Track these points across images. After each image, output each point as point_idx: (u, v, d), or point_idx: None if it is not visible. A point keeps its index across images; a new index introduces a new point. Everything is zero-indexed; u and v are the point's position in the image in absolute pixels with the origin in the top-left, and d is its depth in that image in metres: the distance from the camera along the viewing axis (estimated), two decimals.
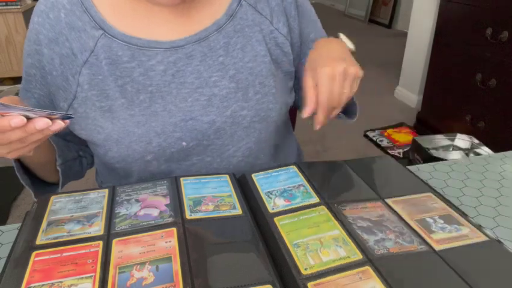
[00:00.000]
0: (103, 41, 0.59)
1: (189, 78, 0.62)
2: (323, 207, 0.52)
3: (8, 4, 2.97)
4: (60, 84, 0.62)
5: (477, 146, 1.82)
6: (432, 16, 2.52)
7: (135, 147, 0.61)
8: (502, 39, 1.80)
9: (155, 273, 0.41)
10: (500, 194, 0.66)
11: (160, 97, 0.61)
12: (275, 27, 0.66)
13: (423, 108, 2.49)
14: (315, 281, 0.40)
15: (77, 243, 0.46)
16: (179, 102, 0.62)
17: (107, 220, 0.50)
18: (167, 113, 0.61)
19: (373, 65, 3.73)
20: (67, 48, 0.60)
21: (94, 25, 0.59)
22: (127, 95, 0.60)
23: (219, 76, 0.63)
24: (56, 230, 0.48)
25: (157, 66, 0.60)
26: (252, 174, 0.60)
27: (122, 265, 0.42)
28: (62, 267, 0.42)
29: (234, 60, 0.63)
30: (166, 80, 0.61)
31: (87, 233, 0.47)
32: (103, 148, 0.64)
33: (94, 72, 0.60)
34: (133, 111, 0.61)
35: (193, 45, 0.61)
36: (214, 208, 0.52)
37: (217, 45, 0.62)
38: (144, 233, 0.47)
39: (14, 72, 3.21)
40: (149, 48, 0.60)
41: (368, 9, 5.48)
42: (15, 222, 0.57)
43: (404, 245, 0.46)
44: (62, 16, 0.60)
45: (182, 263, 0.42)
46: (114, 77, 0.60)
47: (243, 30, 0.64)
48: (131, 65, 0.60)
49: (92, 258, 0.44)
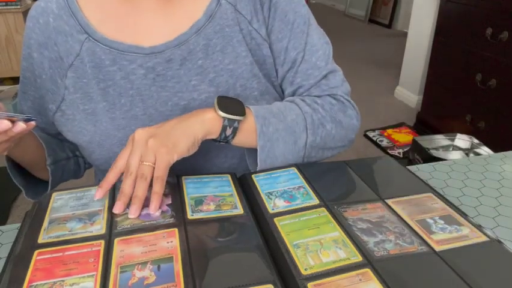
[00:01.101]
0: (87, 44, 0.60)
1: (170, 83, 0.61)
2: (323, 208, 0.52)
3: (8, 4, 2.97)
4: (49, 87, 0.63)
5: (477, 146, 1.82)
6: (432, 16, 2.52)
7: (116, 150, 0.62)
8: (502, 39, 1.80)
9: (156, 273, 0.41)
10: (500, 194, 0.66)
11: (141, 100, 0.61)
12: (254, 27, 0.62)
13: (423, 108, 2.49)
14: (315, 282, 0.40)
15: (79, 242, 0.46)
16: (159, 106, 0.62)
17: (108, 219, 0.50)
18: (147, 116, 0.62)
19: (373, 65, 3.74)
20: (55, 52, 0.61)
21: (80, 29, 0.60)
22: (109, 98, 0.61)
23: (198, 80, 0.62)
24: (58, 229, 0.48)
25: (138, 70, 0.61)
26: (252, 175, 0.60)
27: (124, 264, 0.42)
28: (64, 266, 0.42)
29: (214, 63, 0.62)
30: (146, 84, 0.61)
31: (89, 232, 0.48)
32: (87, 150, 0.65)
33: (78, 75, 0.61)
34: (114, 114, 0.61)
35: (173, 50, 0.61)
36: (215, 208, 0.52)
37: (197, 47, 0.61)
38: (146, 233, 0.47)
39: (14, 72, 3.21)
40: (129, 53, 0.60)
41: (368, 9, 5.49)
42: (15, 222, 0.57)
43: (404, 246, 0.46)
44: (51, 21, 0.61)
45: (184, 263, 0.43)
46: (97, 80, 0.61)
47: (223, 30, 0.62)
48: (113, 69, 0.60)
49: (94, 257, 0.44)
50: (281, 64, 0.66)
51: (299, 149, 0.61)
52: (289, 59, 0.65)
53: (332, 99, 0.66)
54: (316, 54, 0.66)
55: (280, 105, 0.63)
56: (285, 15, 0.63)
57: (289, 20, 0.64)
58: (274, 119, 0.60)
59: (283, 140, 0.60)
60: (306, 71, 0.66)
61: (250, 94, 0.64)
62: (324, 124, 0.63)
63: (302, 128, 0.61)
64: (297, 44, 0.65)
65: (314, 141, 0.62)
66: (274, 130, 0.59)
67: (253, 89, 0.64)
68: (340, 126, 0.65)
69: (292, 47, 0.65)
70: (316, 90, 0.66)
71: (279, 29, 0.64)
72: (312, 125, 0.62)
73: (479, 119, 1.99)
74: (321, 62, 0.66)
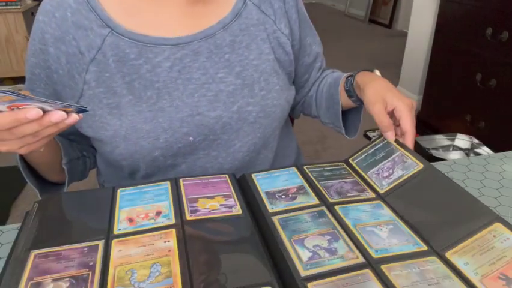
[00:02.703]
0: (110, 39, 0.60)
1: (195, 74, 0.62)
2: (323, 208, 0.52)
3: (8, 4, 2.97)
4: (66, 82, 0.62)
5: (477, 146, 1.82)
6: (432, 16, 2.52)
7: (143, 143, 0.62)
8: (502, 39, 1.80)
9: (154, 275, 0.41)
10: (500, 194, 0.66)
11: (167, 93, 0.62)
12: (278, 28, 0.68)
13: (423, 108, 2.49)
14: (315, 282, 0.40)
15: (77, 243, 0.46)
16: (186, 97, 0.62)
17: (107, 220, 0.50)
18: (174, 108, 0.62)
19: (373, 65, 3.73)
20: (73, 46, 0.60)
21: (101, 23, 0.60)
22: (135, 91, 0.61)
23: (225, 73, 0.64)
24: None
25: (164, 62, 0.61)
26: (252, 175, 0.60)
27: (122, 266, 0.42)
28: (61, 265, 0.42)
29: (240, 57, 0.65)
30: (172, 76, 0.62)
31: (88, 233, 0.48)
32: (110, 145, 0.64)
33: (101, 69, 0.61)
34: (140, 107, 0.61)
35: (200, 42, 0.62)
36: (214, 208, 0.52)
37: (223, 42, 0.63)
38: (143, 234, 0.47)
39: (14, 72, 3.21)
40: (156, 45, 0.61)
41: (368, 9, 5.49)
42: (15, 222, 0.57)
43: (403, 244, 0.46)
44: (68, 15, 0.60)
45: (182, 264, 0.42)
46: (121, 74, 0.61)
47: (248, 29, 0.65)
48: (139, 62, 0.61)
49: (92, 257, 0.44)
50: (307, 56, 0.77)
51: None
52: (313, 53, 0.78)
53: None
54: (319, 43, 0.80)
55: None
56: (304, 16, 0.73)
57: (307, 20, 0.75)
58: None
59: None
60: (320, 55, 0.81)
61: (273, 88, 0.67)
62: None
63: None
64: (315, 39, 0.77)
65: None
66: None
67: (275, 84, 0.68)
68: None
69: (313, 41, 0.77)
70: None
71: (303, 28, 0.73)
72: None
73: (479, 119, 1.99)
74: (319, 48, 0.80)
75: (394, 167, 0.59)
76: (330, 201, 0.53)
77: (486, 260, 0.43)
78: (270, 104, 0.67)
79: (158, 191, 0.56)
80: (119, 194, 0.56)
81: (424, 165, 0.57)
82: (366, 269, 0.42)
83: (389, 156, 0.61)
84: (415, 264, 0.43)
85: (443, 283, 0.41)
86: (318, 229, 0.48)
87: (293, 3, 0.69)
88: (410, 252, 0.45)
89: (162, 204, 0.53)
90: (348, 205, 0.53)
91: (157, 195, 0.55)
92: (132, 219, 0.50)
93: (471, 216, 0.48)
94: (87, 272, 0.42)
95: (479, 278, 0.41)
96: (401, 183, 0.56)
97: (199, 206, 0.53)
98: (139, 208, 0.52)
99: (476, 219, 0.47)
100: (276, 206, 0.53)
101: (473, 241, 0.45)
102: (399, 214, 0.51)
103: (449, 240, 0.46)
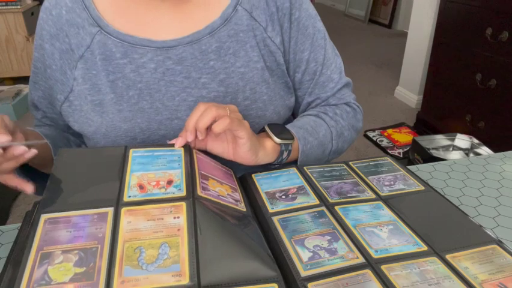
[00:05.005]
0: (98, 37, 0.62)
1: (178, 77, 0.63)
2: (323, 208, 0.52)
3: (8, 4, 2.97)
4: (58, 78, 0.65)
5: (477, 146, 1.82)
6: (432, 16, 2.52)
7: (120, 141, 0.63)
8: (502, 39, 1.80)
9: (162, 258, 0.40)
10: (500, 194, 0.66)
11: (149, 94, 0.62)
12: (268, 35, 0.65)
13: (423, 108, 2.49)
14: (315, 282, 0.40)
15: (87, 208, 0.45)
16: (166, 100, 0.63)
17: (118, 185, 0.49)
18: (154, 110, 0.63)
19: (373, 65, 3.73)
20: (66, 43, 0.63)
21: (92, 22, 0.62)
22: (117, 90, 0.62)
23: (208, 78, 0.63)
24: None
25: (148, 64, 0.62)
26: (252, 175, 0.60)
27: (131, 241, 0.42)
28: (71, 235, 0.42)
29: (226, 65, 0.63)
30: (156, 77, 0.62)
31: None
32: (92, 141, 0.67)
33: (88, 67, 0.62)
34: (121, 106, 0.62)
35: (185, 47, 0.62)
36: (222, 194, 0.51)
37: (209, 48, 0.63)
38: (153, 205, 0.46)
39: (14, 72, 3.21)
40: (141, 46, 0.62)
41: (368, 9, 5.48)
42: (15, 222, 0.57)
43: (403, 244, 0.46)
44: (64, 13, 0.63)
45: (190, 250, 0.41)
46: (106, 72, 0.62)
47: (237, 35, 0.63)
48: (123, 62, 0.62)
49: (102, 228, 0.43)
50: (302, 73, 0.71)
51: (325, 156, 0.70)
52: (311, 70, 0.71)
53: (347, 107, 0.74)
54: (330, 67, 0.72)
55: (311, 122, 0.69)
56: (306, 29, 0.68)
57: (310, 34, 0.69)
58: (311, 137, 0.66)
59: (316, 153, 0.68)
60: (323, 83, 0.72)
61: (259, 98, 0.66)
62: (343, 132, 0.72)
63: (329, 140, 0.69)
64: (317, 57, 0.70)
65: (336, 148, 0.71)
66: (311, 147, 0.66)
67: (263, 94, 0.66)
68: (353, 130, 0.74)
69: (312, 59, 0.70)
70: (334, 100, 0.74)
71: (301, 41, 0.68)
72: (336, 136, 0.70)
73: (479, 119, 1.99)
74: (334, 75, 0.73)
75: (396, 180, 0.59)
76: (330, 202, 0.53)
77: (486, 269, 0.43)
78: (254, 115, 0.65)
79: (172, 156, 0.54)
80: (131, 155, 0.54)
81: (426, 188, 0.58)
82: (366, 269, 0.42)
83: (391, 172, 0.62)
84: (415, 265, 0.43)
85: (443, 283, 0.41)
86: (318, 229, 0.48)
87: (286, 11, 0.65)
88: (410, 252, 0.45)
89: (174, 172, 0.51)
90: (349, 205, 0.53)
91: (169, 162, 0.53)
92: (143, 186, 0.49)
93: (470, 236, 0.48)
94: (96, 245, 0.41)
95: (479, 281, 0.41)
96: (402, 194, 0.56)
97: (209, 185, 0.52)
98: (150, 174, 0.51)
99: (475, 238, 0.48)
100: (276, 206, 0.53)
101: (472, 252, 0.46)
102: (399, 215, 0.51)
103: (448, 246, 0.47)
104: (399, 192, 0.56)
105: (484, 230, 0.50)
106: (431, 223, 0.50)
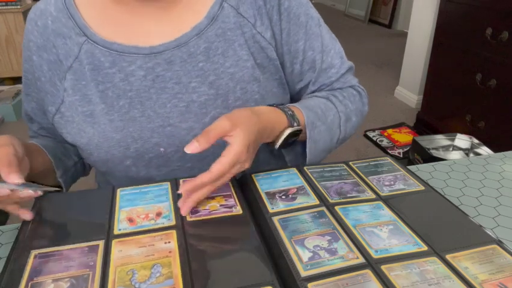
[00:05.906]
0: (86, 47, 0.60)
1: (169, 84, 0.61)
2: (323, 208, 0.52)
3: (8, 4, 2.97)
4: (48, 89, 0.64)
5: (477, 146, 1.82)
6: (432, 16, 2.52)
7: (114, 152, 0.62)
8: (502, 39, 1.80)
9: (155, 276, 0.41)
10: (500, 194, 0.66)
11: (139, 102, 0.61)
12: (258, 31, 0.63)
13: (423, 108, 2.49)
14: (315, 282, 0.40)
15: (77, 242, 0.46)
16: (158, 107, 0.61)
17: (107, 220, 0.50)
18: (146, 118, 0.62)
19: (373, 65, 3.73)
20: (54, 54, 0.62)
21: (78, 31, 0.60)
22: (107, 100, 0.61)
23: (198, 82, 0.61)
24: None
25: (137, 71, 0.60)
26: (252, 175, 0.60)
27: (122, 266, 0.42)
28: (61, 265, 0.42)
29: (215, 66, 0.62)
30: (146, 85, 0.61)
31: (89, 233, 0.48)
32: (85, 152, 0.65)
33: (77, 77, 0.61)
34: (112, 116, 0.61)
35: (173, 51, 0.60)
36: (214, 208, 0.52)
37: (197, 50, 0.61)
38: (144, 235, 0.47)
39: (14, 72, 3.21)
40: (129, 54, 0.60)
41: (368, 9, 5.49)
42: (15, 222, 0.57)
43: (403, 244, 0.46)
44: (49, 23, 0.61)
45: (183, 265, 0.42)
46: (95, 83, 0.61)
47: (225, 34, 0.61)
48: (112, 71, 0.60)
49: (93, 257, 0.44)
50: (300, 63, 0.68)
51: (333, 143, 0.69)
52: (309, 59, 0.68)
53: (353, 90, 0.74)
54: (330, 53, 0.70)
55: (321, 104, 0.68)
56: (297, 18, 0.65)
57: (302, 22, 0.66)
58: (319, 122, 0.65)
59: (324, 139, 0.66)
60: (326, 70, 0.71)
61: (251, 97, 0.64)
62: (351, 117, 0.71)
63: (337, 126, 0.68)
64: (313, 45, 0.68)
65: (344, 135, 0.71)
66: (319, 132, 0.65)
67: (254, 93, 0.64)
68: (360, 115, 0.74)
69: (309, 47, 0.68)
70: (338, 84, 0.73)
71: (294, 31, 0.66)
72: (344, 121, 0.69)
73: (479, 119, 1.99)
74: (335, 60, 0.71)
75: (396, 180, 0.59)
76: (330, 202, 0.53)
77: (486, 269, 0.43)
78: None
79: (159, 191, 0.56)
80: (119, 193, 0.56)
81: (426, 188, 0.58)
82: (366, 269, 0.42)
83: (391, 172, 0.61)
84: (415, 265, 0.43)
85: (443, 283, 0.41)
86: (319, 229, 0.48)
87: (275, 3, 0.63)
88: (410, 252, 0.45)
89: (162, 205, 0.53)
90: (349, 205, 0.53)
91: (157, 196, 0.55)
92: (132, 219, 0.50)
93: (470, 236, 0.48)
94: (87, 272, 0.42)
95: (479, 281, 0.41)
96: (402, 194, 0.56)
97: (199, 206, 0.53)
98: (139, 208, 0.52)
99: (475, 238, 0.48)
100: (276, 206, 0.53)
101: (472, 252, 0.45)
102: (400, 215, 0.52)
103: (448, 246, 0.47)
104: (399, 192, 0.56)
105: (484, 230, 0.50)
106: (431, 223, 0.50)
